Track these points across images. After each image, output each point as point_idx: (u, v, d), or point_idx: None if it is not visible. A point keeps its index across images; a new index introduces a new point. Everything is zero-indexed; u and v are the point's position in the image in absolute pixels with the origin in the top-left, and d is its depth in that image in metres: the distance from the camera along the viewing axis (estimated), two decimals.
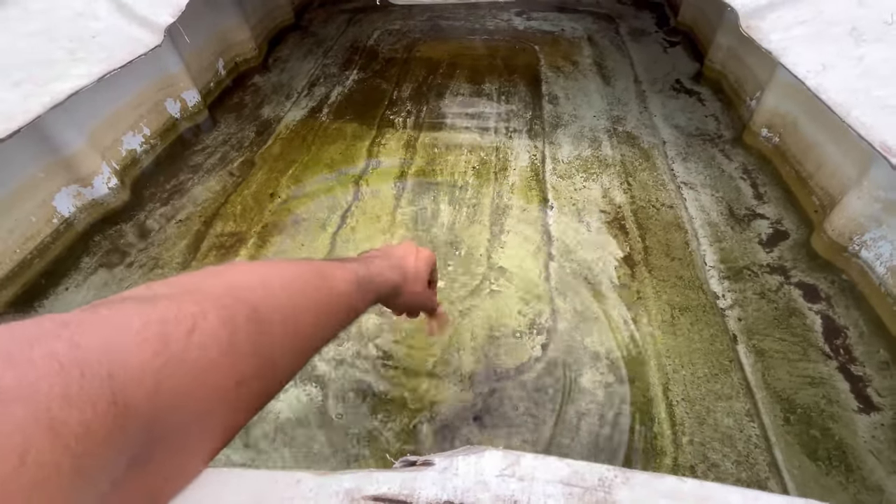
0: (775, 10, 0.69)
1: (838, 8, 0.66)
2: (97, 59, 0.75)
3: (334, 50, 1.64)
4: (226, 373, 0.20)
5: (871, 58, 0.58)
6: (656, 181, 1.05)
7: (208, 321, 0.20)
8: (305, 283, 0.29)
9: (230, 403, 0.21)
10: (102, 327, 0.17)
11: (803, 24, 0.65)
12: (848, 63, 0.59)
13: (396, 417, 0.71)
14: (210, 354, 0.19)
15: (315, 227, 1.01)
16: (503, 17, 1.77)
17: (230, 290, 0.22)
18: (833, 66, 0.59)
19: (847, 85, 0.57)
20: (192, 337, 0.19)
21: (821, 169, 0.89)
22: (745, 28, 0.70)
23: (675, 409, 0.69)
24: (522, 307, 0.83)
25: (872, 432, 0.65)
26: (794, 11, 0.67)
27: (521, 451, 0.22)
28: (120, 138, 1.06)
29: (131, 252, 0.97)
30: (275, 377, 0.25)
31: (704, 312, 0.80)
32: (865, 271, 0.77)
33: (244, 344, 0.21)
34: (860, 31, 0.61)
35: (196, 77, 1.26)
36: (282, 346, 0.24)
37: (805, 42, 0.64)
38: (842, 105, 0.56)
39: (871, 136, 0.52)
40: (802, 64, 0.62)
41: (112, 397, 0.16)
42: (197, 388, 0.19)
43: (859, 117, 0.54)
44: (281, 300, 0.25)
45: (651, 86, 1.35)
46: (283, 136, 1.26)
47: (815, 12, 0.66)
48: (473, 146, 1.19)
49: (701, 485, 0.20)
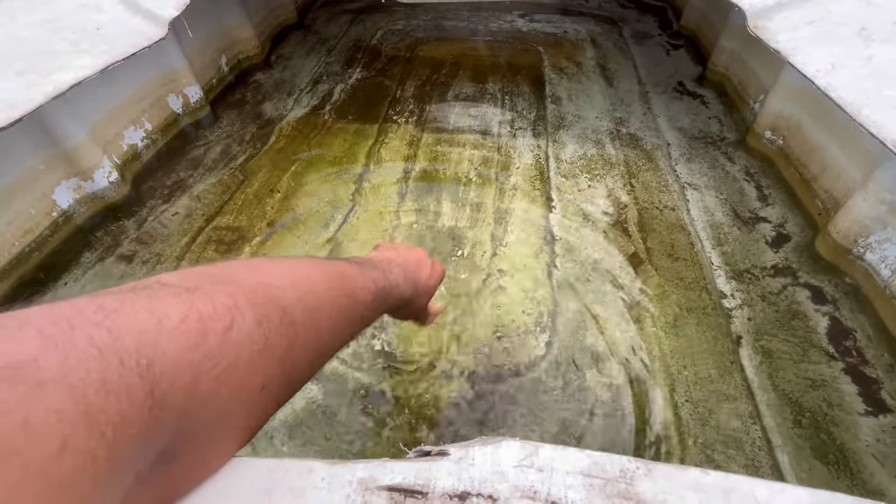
0: (783, 11, 0.69)
1: (846, 8, 0.66)
2: (100, 51, 0.75)
3: (337, 49, 1.64)
4: (255, 375, 0.20)
5: (881, 58, 0.58)
6: (660, 182, 1.05)
7: (246, 320, 0.19)
8: (330, 289, 0.28)
9: (252, 406, 0.20)
10: (140, 315, 0.17)
11: (811, 25, 0.65)
12: (857, 63, 0.59)
13: (397, 418, 0.70)
14: (243, 354, 0.19)
15: (317, 224, 1.00)
16: (506, 19, 1.77)
17: (263, 288, 0.22)
18: (842, 66, 0.59)
19: (857, 84, 0.57)
20: (229, 334, 0.18)
21: (825, 171, 0.89)
22: (753, 28, 0.70)
23: (680, 411, 0.69)
24: (526, 306, 0.83)
25: (878, 435, 0.64)
26: (802, 12, 0.67)
27: (538, 442, 0.21)
28: (121, 132, 1.06)
29: (132, 247, 0.97)
30: (293, 383, 0.24)
31: (707, 314, 0.80)
32: (870, 274, 0.77)
33: (276, 347, 0.21)
34: (869, 31, 0.61)
35: (199, 73, 1.25)
36: (304, 352, 0.24)
37: (813, 42, 0.64)
38: (852, 104, 0.56)
39: (882, 135, 0.52)
40: (812, 63, 0.62)
41: (149, 388, 0.16)
42: (226, 388, 0.18)
43: (870, 116, 0.54)
44: (308, 303, 0.24)
45: (654, 88, 1.35)
46: (286, 134, 1.26)
47: (822, 13, 0.66)
48: (476, 145, 1.18)
49: (725, 477, 0.20)
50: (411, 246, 0.49)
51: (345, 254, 0.94)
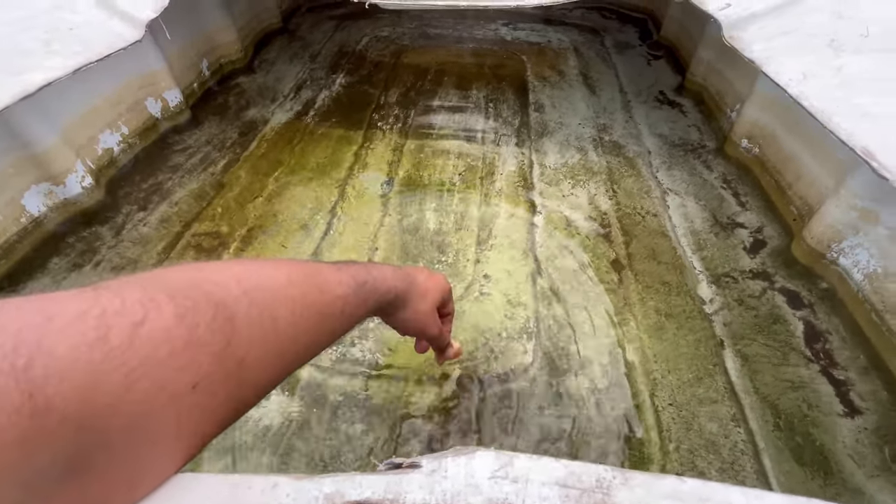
0: (757, 22, 0.71)
1: (817, 20, 0.68)
2: (73, 52, 0.73)
3: (322, 54, 1.63)
4: (181, 373, 0.18)
5: (850, 68, 0.60)
6: (641, 189, 1.06)
7: (163, 314, 0.18)
8: (291, 284, 0.26)
9: (185, 408, 0.19)
10: (25, 315, 0.15)
11: (785, 35, 0.67)
12: (828, 72, 0.61)
13: (380, 427, 0.68)
14: (160, 351, 0.17)
15: (299, 231, 0.99)
16: (491, 27, 1.79)
17: (194, 283, 0.20)
18: (814, 76, 0.61)
19: (827, 93, 0.59)
20: (139, 329, 0.17)
21: (799, 179, 0.91)
22: (729, 39, 0.72)
23: (662, 415, 0.69)
24: (510, 312, 0.82)
25: (856, 436, 0.66)
26: (776, 22, 0.69)
27: (514, 452, 0.21)
28: (97, 136, 1.03)
29: (105, 254, 0.94)
30: (246, 382, 0.22)
31: (689, 319, 0.80)
32: (844, 278, 0.79)
33: (209, 343, 0.19)
34: (839, 42, 0.63)
35: (179, 76, 1.23)
36: (253, 348, 0.22)
37: (786, 52, 0.66)
38: (823, 112, 0.58)
39: (852, 142, 0.54)
40: (784, 73, 0.63)
41: (28, 391, 0.14)
42: (141, 389, 0.17)
43: (840, 123, 0.55)
44: (257, 298, 0.23)
45: (636, 97, 1.37)
46: (268, 139, 1.24)
47: (796, 24, 0.68)
48: (461, 152, 1.18)
49: (703, 484, 0.19)
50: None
51: (326, 259, 0.92)
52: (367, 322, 0.81)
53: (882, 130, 0.53)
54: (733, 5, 0.74)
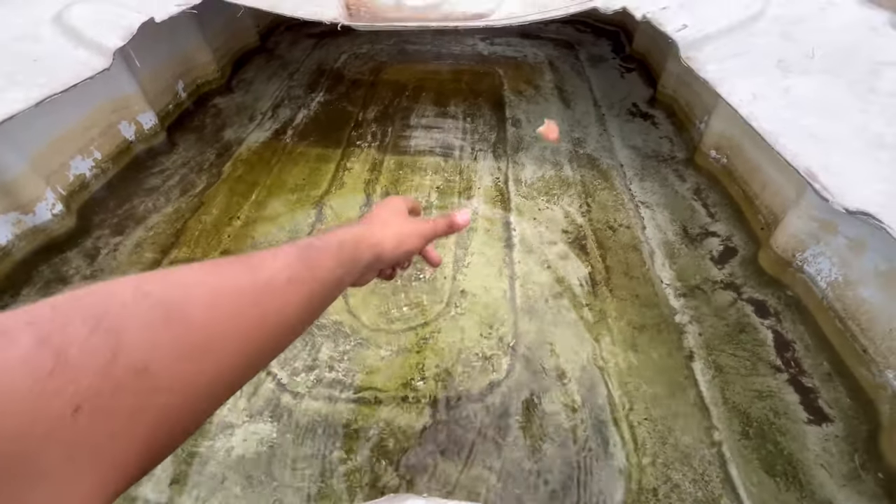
0: (711, 43, 0.74)
1: (767, 41, 0.70)
2: (36, 84, 0.72)
3: (300, 72, 1.64)
4: (52, 400, 0.16)
5: (797, 89, 0.62)
6: (615, 201, 1.08)
7: (16, 344, 0.16)
8: (208, 272, 0.24)
9: (76, 435, 0.17)
10: None
11: (736, 57, 0.69)
12: (776, 93, 0.63)
13: (357, 450, 0.68)
14: (21, 384, 0.16)
15: None
16: (468, 43, 1.82)
17: (77, 299, 0.19)
18: (763, 97, 0.63)
19: (775, 114, 0.61)
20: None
21: (765, 189, 0.94)
22: (685, 59, 0.75)
23: (637, 430, 0.70)
24: (487, 329, 0.83)
25: (823, 444, 0.67)
26: (728, 44, 0.72)
27: (443, 499, 0.21)
28: (67, 162, 1.02)
29: (77, 282, 0.92)
30: (160, 389, 0.20)
31: (661, 331, 0.82)
32: (809, 286, 0.81)
33: (83, 362, 0.17)
34: (786, 63, 0.65)
35: (153, 99, 1.23)
36: (162, 352, 0.20)
37: (738, 73, 0.68)
38: (771, 133, 0.60)
39: (797, 163, 0.56)
40: (736, 93, 0.66)
41: None
42: (10, 427, 0.15)
43: (787, 145, 0.58)
44: (160, 298, 0.21)
45: (609, 109, 1.40)
46: (245, 159, 1.24)
47: (747, 45, 0.71)
48: (438, 168, 1.19)
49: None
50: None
51: None
52: (343, 344, 0.81)
53: (825, 152, 0.55)
54: (689, 27, 0.76)
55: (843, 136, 0.56)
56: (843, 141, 0.56)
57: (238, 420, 0.71)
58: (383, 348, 0.81)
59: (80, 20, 0.85)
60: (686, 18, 0.80)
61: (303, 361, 0.79)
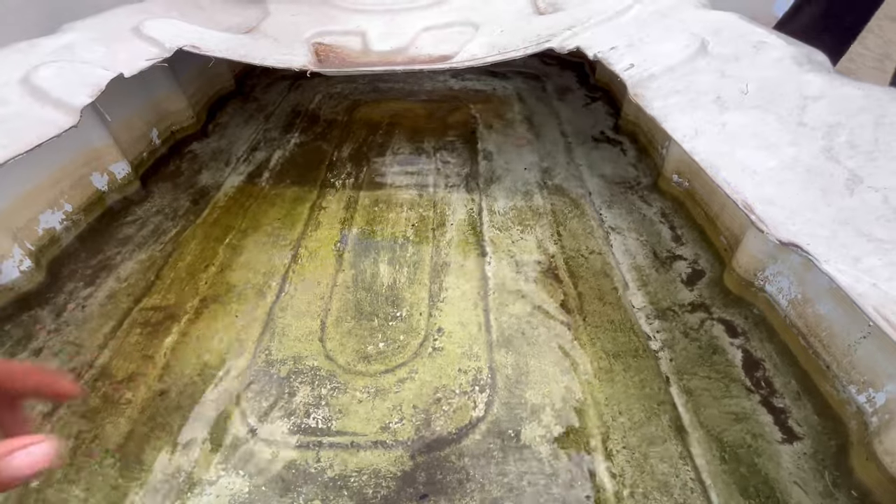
0: (655, 81, 0.79)
1: (705, 78, 0.75)
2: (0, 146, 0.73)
3: (276, 114, 1.67)
4: None
5: (733, 124, 0.66)
6: (585, 229, 1.11)
7: None
8: None
9: None
10: None
11: (678, 94, 0.74)
12: (714, 128, 0.67)
13: (335, 499, 0.66)
14: None
15: (252, 295, 0.98)
16: (440, 79, 1.88)
17: None
18: (703, 132, 0.67)
19: (714, 148, 0.65)
20: None
21: (724, 210, 0.98)
22: (633, 96, 0.79)
23: (615, 459, 0.70)
24: (463, 365, 0.83)
25: (797, 462, 0.68)
26: (671, 82, 0.77)
27: None
28: (36, 217, 1.01)
29: (45, 339, 0.90)
30: None
31: (636, 357, 0.83)
32: (772, 304, 0.83)
33: None
34: (723, 99, 0.70)
35: (126, 148, 1.23)
36: None
37: (680, 109, 0.72)
38: (712, 166, 0.63)
39: (735, 195, 0.59)
40: (679, 129, 0.70)
41: None
42: None
43: (726, 178, 0.61)
44: None
45: (576, 138, 1.46)
46: (221, 204, 1.24)
47: (686, 83, 0.75)
48: (413, 203, 1.22)
49: None
50: None
51: (279, 325, 0.92)
52: (319, 389, 0.80)
53: (760, 183, 0.58)
54: (636, 66, 0.81)
55: (775, 168, 0.60)
56: (775, 173, 0.59)
57: (211, 475, 0.70)
58: (360, 391, 0.80)
59: (46, 80, 0.87)
60: (633, 58, 0.85)
61: (279, 409, 0.78)
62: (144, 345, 0.89)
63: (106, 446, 0.73)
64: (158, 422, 0.77)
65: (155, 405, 0.79)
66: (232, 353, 0.87)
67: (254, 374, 0.83)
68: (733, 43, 0.79)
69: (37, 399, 0.36)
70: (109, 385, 0.82)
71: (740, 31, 0.82)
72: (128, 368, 0.85)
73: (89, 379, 0.83)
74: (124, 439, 0.74)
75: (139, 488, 0.68)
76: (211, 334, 0.90)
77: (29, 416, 0.22)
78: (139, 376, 0.83)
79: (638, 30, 0.93)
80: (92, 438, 0.74)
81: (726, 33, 0.82)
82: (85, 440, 0.74)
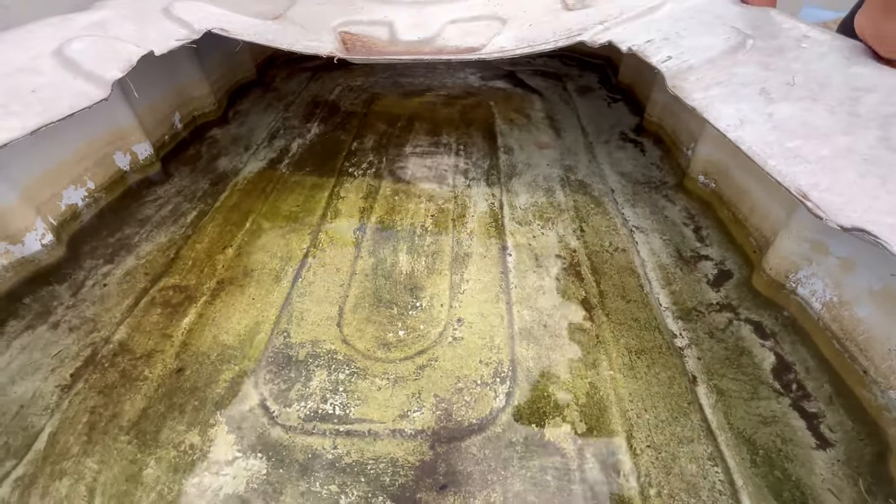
0: (695, 73, 0.77)
1: (748, 70, 0.74)
2: (33, 113, 0.73)
3: (296, 104, 1.67)
4: None
5: (780, 114, 0.65)
6: (609, 226, 1.10)
7: None
8: None
9: None
10: None
11: (720, 85, 0.72)
12: (760, 118, 0.65)
13: (352, 488, 0.65)
14: None
15: (270, 280, 0.97)
16: (460, 76, 1.88)
17: None
18: (749, 121, 0.66)
19: (762, 137, 0.63)
20: None
21: (754, 212, 0.96)
22: (672, 88, 0.78)
23: (640, 458, 0.68)
24: (484, 356, 0.82)
25: (831, 469, 0.65)
26: (712, 73, 0.75)
27: None
28: (60, 192, 1.01)
29: (64, 313, 0.90)
30: None
31: (661, 354, 0.81)
32: (804, 307, 0.81)
33: None
34: (768, 91, 0.68)
35: (150, 130, 1.24)
36: None
37: (722, 100, 0.71)
38: (760, 155, 0.61)
39: (787, 183, 0.57)
40: (723, 119, 0.68)
41: None
42: None
43: (776, 166, 0.59)
44: None
45: (597, 137, 1.44)
46: (241, 188, 1.24)
47: (728, 74, 0.74)
48: (432, 195, 1.21)
49: None
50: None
51: (297, 310, 0.91)
52: (337, 374, 0.79)
53: (813, 172, 0.56)
54: (674, 58, 0.80)
55: (829, 156, 0.58)
56: (829, 161, 0.58)
57: (227, 455, 0.68)
58: (379, 378, 0.79)
59: (80, 53, 0.87)
60: (670, 51, 0.83)
61: (295, 392, 0.76)
62: (163, 323, 0.88)
63: (122, 422, 0.73)
64: (175, 400, 0.76)
65: (171, 383, 0.78)
66: (249, 335, 0.86)
67: (271, 356, 0.82)
68: (775, 37, 0.77)
69: None
70: (127, 361, 0.81)
71: (782, 25, 0.80)
72: (146, 346, 0.84)
73: (107, 354, 0.82)
74: (140, 416, 0.74)
75: (155, 464, 0.67)
76: (228, 315, 0.90)
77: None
78: (157, 353, 0.83)
79: (673, 25, 0.92)
80: (110, 415, 0.74)
81: (767, 28, 0.80)
82: (102, 415, 0.74)
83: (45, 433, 0.71)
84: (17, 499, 0.64)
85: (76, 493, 0.64)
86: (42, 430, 0.71)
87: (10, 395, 0.76)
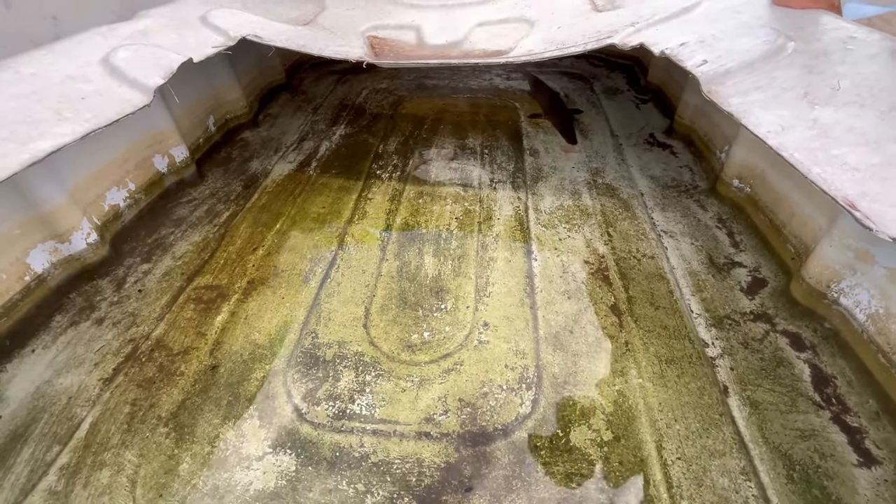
0: (732, 77, 0.75)
1: (789, 74, 0.71)
2: (83, 119, 0.77)
3: (324, 107, 1.70)
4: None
5: (825, 120, 0.62)
6: (637, 231, 1.07)
7: None
8: None
9: None
10: None
11: (759, 90, 0.70)
12: (804, 124, 0.63)
13: (378, 488, 0.66)
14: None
15: (298, 280, 1.00)
16: (485, 77, 1.87)
17: None
18: (791, 127, 0.63)
19: (805, 144, 0.61)
20: None
21: (793, 218, 0.92)
22: (707, 93, 0.75)
23: (671, 470, 0.66)
24: (510, 361, 0.81)
25: (875, 489, 0.62)
26: (750, 78, 0.73)
27: None
28: (103, 194, 1.06)
29: (107, 309, 0.94)
30: None
31: (691, 363, 0.79)
32: (847, 319, 0.78)
33: None
34: (812, 95, 0.66)
35: (186, 134, 1.28)
36: None
37: (762, 105, 0.68)
38: (803, 163, 0.59)
39: (833, 191, 0.55)
40: (763, 125, 0.66)
41: None
42: None
43: (821, 174, 0.57)
44: None
45: (626, 139, 1.41)
46: (270, 190, 1.27)
47: (768, 79, 0.71)
48: (457, 197, 1.21)
49: None
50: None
51: (325, 310, 0.93)
52: (364, 375, 0.80)
53: (861, 181, 0.54)
54: (710, 62, 0.78)
55: (879, 164, 0.56)
56: (878, 169, 0.55)
57: (258, 451, 0.70)
58: (404, 380, 0.80)
59: (125, 61, 0.91)
60: (705, 54, 0.81)
61: (324, 392, 0.78)
62: (197, 321, 0.91)
63: (161, 412, 0.76)
64: (210, 395, 0.78)
65: (206, 379, 0.81)
66: (279, 334, 0.88)
67: (300, 355, 0.84)
68: (819, 38, 0.74)
69: None
70: (164, 357, 0.85)
71: (827, 26, 0.77)
72: (182, 342, 0.87)
73: (146, 350, 0.86)
74: (177, 409, 0.77)
75: (190, 458, 0.70)
76: (259, 315, 0.92)
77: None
78: (192, 350, 0.86)
79: (709, 26, 0.90)
80: (148, 407, 0.77)
81: (811, 29, 0.77)
82: (141, 407, 0.77)
83: (87, 423, 0.75)
84: (62, 487, 0.67)
85: (117, 483, 0.67)
86: (83, 420, 0.75)
87: (57, 387, 0.80)
